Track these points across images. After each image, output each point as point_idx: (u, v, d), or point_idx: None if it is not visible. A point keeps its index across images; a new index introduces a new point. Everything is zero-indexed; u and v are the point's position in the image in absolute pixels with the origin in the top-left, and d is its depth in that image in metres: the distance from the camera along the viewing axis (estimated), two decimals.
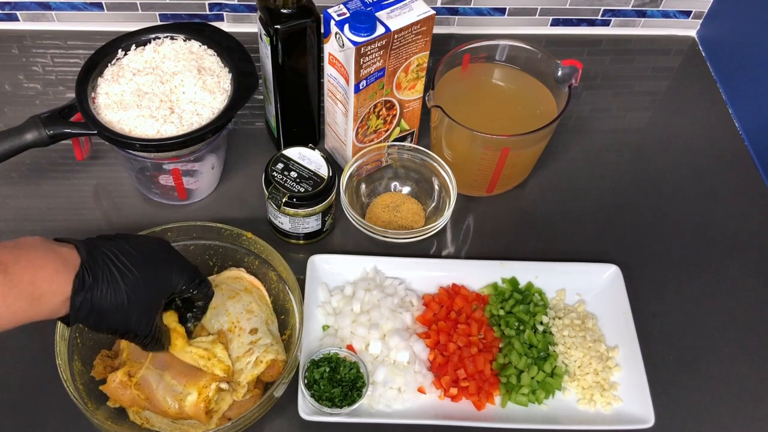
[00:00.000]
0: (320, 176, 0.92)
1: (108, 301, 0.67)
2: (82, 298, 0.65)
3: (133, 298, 0.68)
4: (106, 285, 0.67)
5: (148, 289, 0.70)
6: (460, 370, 0.87)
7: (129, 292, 0.68)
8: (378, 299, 0.92)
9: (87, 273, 0.65)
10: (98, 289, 0.66)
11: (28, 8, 1.20)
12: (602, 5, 1.26)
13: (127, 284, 0.68)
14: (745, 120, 1.18)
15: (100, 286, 0.66)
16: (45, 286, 0.62)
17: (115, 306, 0.67)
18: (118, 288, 0.67)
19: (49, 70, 1.18)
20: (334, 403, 0.83)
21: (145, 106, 0.91)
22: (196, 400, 0.79)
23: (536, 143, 0.99)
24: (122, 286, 0.68)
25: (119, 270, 0.68)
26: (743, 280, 1.01)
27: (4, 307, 0.60)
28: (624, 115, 1.20)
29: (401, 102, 1.00)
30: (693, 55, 1.30)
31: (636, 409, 0.85)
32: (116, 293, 0.67)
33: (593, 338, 0.91)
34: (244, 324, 0.85)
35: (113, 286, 0.67)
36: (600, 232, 1.05)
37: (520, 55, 1.04)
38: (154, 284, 0.71)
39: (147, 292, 0.70)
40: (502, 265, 0.97)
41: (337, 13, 0.89)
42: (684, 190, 1.10)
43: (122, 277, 0.68)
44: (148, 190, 1.02)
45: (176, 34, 0.99)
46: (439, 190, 1.02)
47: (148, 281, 0.70)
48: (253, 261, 0.92)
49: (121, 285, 0.68)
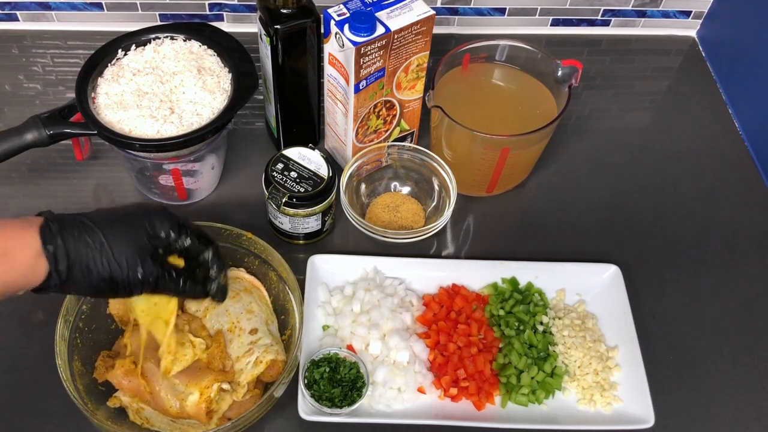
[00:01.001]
0: (320, 176, 0.92)
1: (84, 244, 0.62)
2: (54, 245, 0.61)
3: (112, 238, 0.63)
4: (77, 231, 0.62)
5: (126, 231, 0.65)
6: (460, 370, 0.87)
7: (105, 234, 0.63)
8: (378, 299, 0.92)
9: (52, 223, 0.62)
10: (69, 236, 0.62)
11: (28, 8, 1.20)
12: (602, 5, 1.26)
13: (102, 228, 0.63)
14: (745, 120, 1.18)
15: (71, 232, 0.62)
16: (9, 242, 0.59)
17: (94, 248, 0.63)
18: (92, 232, 0.63)
19: (49, 70, 1.18)
20: (334, 403, 0.83)
21: (145, 106, 0.91)
22: (198, 401, 0.79)
23: (536, 143, 0.99)
24: (95, 229, 0.63)
25: (90, 218, 0.64)
26: (743, 280, 1.01)
27: None
28: (624, 115, 1.21)
29: (401, 102, 1.00)
30: (693, 55, 1.30)
31: (636, 409, 0.85)
32: (91, 236, 0.62)
33: (593, 338, 0.91)
34: (244, 324, 0.85)
35: (86, 231, 0.63)
36: (600, 232, 1.05)
37: (520, 55, 1.04)
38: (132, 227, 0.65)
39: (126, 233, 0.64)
40: (502, 265, 0.97)
41: (337, 13, 0.89)
42: (684, 190, 1.10)
43: (94, 223, 0.63)
44: (148, 190, 1.02)
45: (176, 34, 0.99)
46: (439, 190, 1.02)
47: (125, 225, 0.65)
48: (253, 261, 0.92)
49: (95, 228, 0.63)
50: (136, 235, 0.66)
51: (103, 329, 0.86)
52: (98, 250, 0.63)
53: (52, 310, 0.82)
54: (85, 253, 0.63)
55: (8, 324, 0.91)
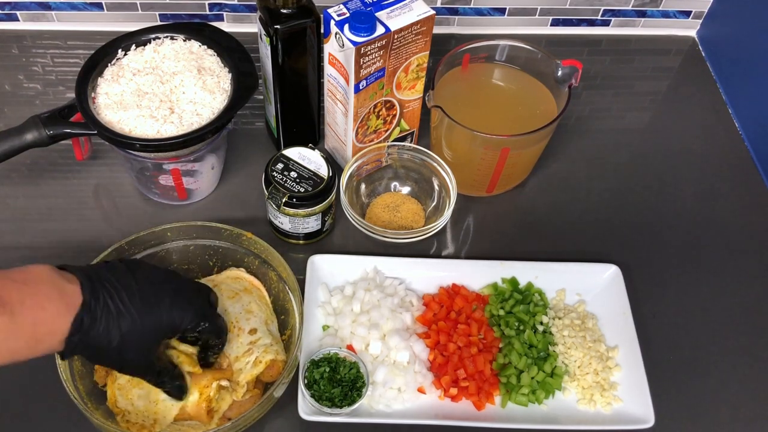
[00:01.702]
0: (320, 176, 0.92)
1: (102, 342, 0.67)
2: (77, 339, 0.65)
3: (129, 339, 0.68)
4: (103, 326, 0.66)
5: (145, 331, 0.70)
6: (460, 370, 0.87)
7: (125, 333, 0.68)
8: (378, 299, 0.92)
9: (86, 316, 0.65)
10: (95, 331, 0.66)
11: (28, 8, 1.20)
12: (602, 5, 1.26)
13: (123, 327, 0.68)
14: (745, 120, 1.18)
15: (97, 328, 0.66)
16: (46, 329, 0.63)
17: (108, 347, 0.67)
18: (115, 329, 0.67)
19: (49, 70, 1.18)
20: (334, 403, 0.83)
21: (145, 106, 0.91)
22: (198, 400, 0.79)
23: (536, 143, 0.99)
24: (119, 328, 0.67)
25: (118, 311, 0.67)
26: (743, 280, 1.01)
27: (5, 348, 0.61)
28: (624, 115, 1.20)
29: (401, 102, 1.00)
30: (693, 55, 1.30)
31: (636, 409, 0.85)
32: (111, 335, 0.67)
33: (593, 338, 0.91)
34: (244, 324, 0.85)
35: (110, 328, 0.67)
36: (600, 232, 1.05)
37: (520, 55, 1.04)
38: (152, 326, 0.70)
39: (144, 333, 0.70)
40: (502, 265, 0.97)
41: (337, 13, 0.89)
42: (684, 190, 1.10)
43: (120, 319, 0.67)
44: (148, 190, 1.02)
45: (176, 34, 0.99)
46: (439, 190, 1.02)
47: (147, 323, 0.69)
48: (253, 261, 0.92)
49: (118, 327, 0.67)
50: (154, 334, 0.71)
51: None
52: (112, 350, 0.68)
53: None
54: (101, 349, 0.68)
55: None
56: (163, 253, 0.91)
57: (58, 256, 0.97)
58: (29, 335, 0.62)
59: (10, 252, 0.97)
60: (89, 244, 0.97)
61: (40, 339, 0.63)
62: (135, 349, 0.70)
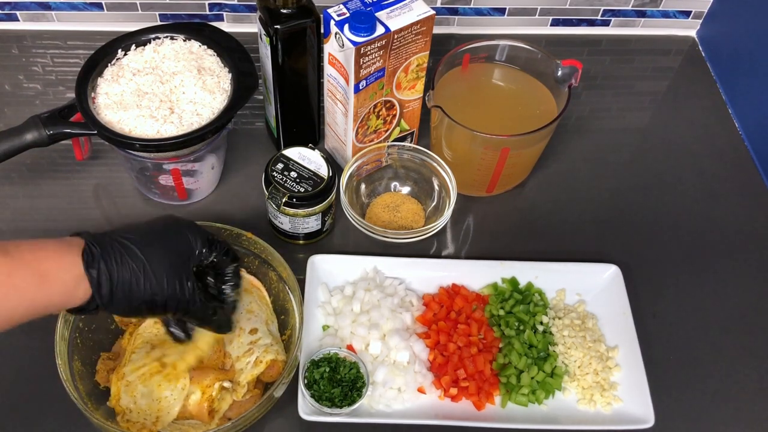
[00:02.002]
0: (320, 176, 0.92)
1: (127, 268, 0.63)
2: (96, 270, 0.61)
3: (153, 259, 0.64)
4: (118, 254, 0.63)
5: (165, 251, 0.66)
6: (460, 370, 0.87)
7: (146, 255, 0.64)
8: (378, 299, 0.92)
9: (93, 246, 0.62)
10: (112, 259, 0.62)
11: (28, 8, 1.20)
12: (602, 5, 1.26)
13: (142, 248, 0.64)
14: (745, 120, 1.18)
15: (113, 256, 0.62)
16: (51, 263, 0.59)
17: (137, 271, 0.63)
18: (134, 254, 0.63)
19: (49, 70, 1.18)
20: (334, 403, 0.83)
21: (145, 106, 0.91)
22: (200, 400, 0.79)
23: (536, 143, 0.99)
24: (137, 251, 0.63)
25: (129, 239, 0.64)
26: (743, 280, 1.01)
27: (12, 287, 0.57)
28: (624, 115, 1.20)
29: (401, 102, 1.00)
30: (693, 55, 1.30)
31: (636, 409, 0.85)
32: (133, 259, 0.63)
33: (593, 338, 0.91)
34: (244, 324, 0.85)
35: (127, 253, 0.63)
36: (600, 232, 1.05)
37: (520, 55, 1.04)
38: (170, 246, 0.67)
39: (165, 254, 0.66)
40: (502, 265, 0.97)
41: (337, 13, 0.89)
42: (684, 190, 1.10)
43: (134, 244, 0.64)
44: (148, 190, 1.02)
45: (176, 34, 0.99)
46: (439, 190, 1.02)
47: (163, 244, 0.66)
48: (253, 261, 0.92)
49: (136, 251, 0.63)
50: (174, 254, 0.67)
51: (103, 329, 0.86)
52: (141, 273, 0.64)
53: None
54: (129, 278, 0.63)
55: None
56: None
57: None
58: (33, 270, 0.58)
59: None
60: None
61: (46, 275, 0.59)
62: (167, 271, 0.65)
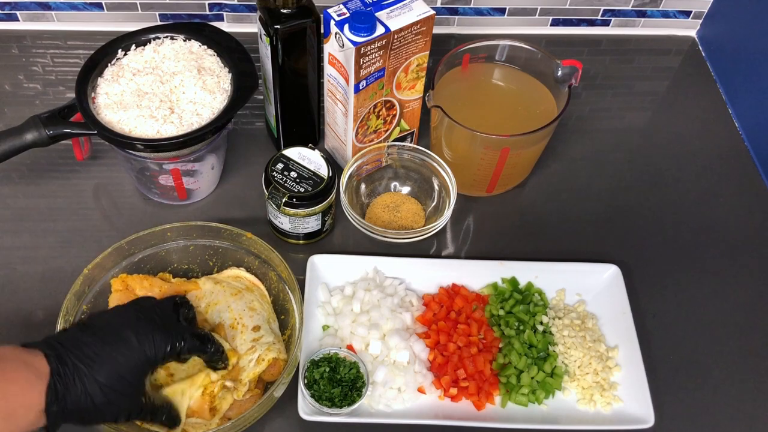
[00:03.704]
0: (320, 176, 0.92)
1: (86, 403, 0.66)
2: (57, 409, 0.64)
3: (111, 392, 0.67)
4: (79, 389, 0.65)
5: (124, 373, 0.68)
6: (460, 370, 0.87)
7: (105, 387, 0.67)
8: (378, 299, 0.92)
9: (58, 383, 0.64)
10: (73, 395, 0.65)
11: (28, 8, 1.20)
12: (602, 5, 1.26)
13: (101, 378, 0.66)
14: (745, 120, 1.18)
15: (72, 392, 0.65)
16: (18, 401, 0.62)
17: (94, 405, 0.66)
18: (93, 385, 0.66)
19: (49, 70, 1.18)
20: (334, 403, 0.83)
21: (145, 106, 0.91)
22: (201, 397, 0.79)
23: (536, 143, 0.99)
24: (96, 382, 0.66)
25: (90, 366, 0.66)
26: (743, 279, 1.01)
27: None
28: (624, 115, 1.20)
29: (401, 102, 1.00)
30: (693, 55, 1.30)
31: (636, 409, 0.85)
32: (92, 393, 0.66)
33: (593, 338, 0.91)
34: (247, 321, 0.85)
35: (88, 386, 0.66)
36: (600, 232, 1.05)
37: (520, 55, 1.04)
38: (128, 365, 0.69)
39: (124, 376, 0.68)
40: (502, 265, 0.97)
41: (337, 13, 0.89)
42: (684, 190, 1.10)
43: (95, 374, 0.66)
44: (148, 190, 1.02)
45: (176, 34, 0.99)
46: (439, 190, 1.02)
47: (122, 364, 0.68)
48: (253, 261, 0.92)
49: (95, 382, 0.66)
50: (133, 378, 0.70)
51: None
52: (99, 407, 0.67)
53: (52, 310, 0.82)
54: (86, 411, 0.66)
55: (8, 324, 0.91)
56: (163, 253, 0.91)
57: (58, 256, 0.97)
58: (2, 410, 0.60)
59: (10, 252, 0.98)
60: (89, 244, 0.97)
61: (13, 413, 0.61)
62: (123, 396, 0.68)
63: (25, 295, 0.93)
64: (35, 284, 0.94)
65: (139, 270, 0.90)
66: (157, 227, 0.89)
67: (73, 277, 0.84)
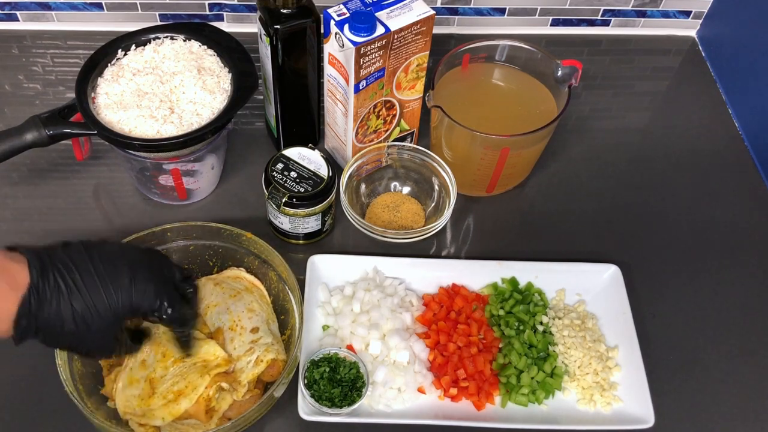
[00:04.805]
0: (320, 176, 0.92)
1: (55, 324, 0.63)
2: (25, 323, 0.61)
3: (84, 321, 0.64)
4: (54, 308, 0.62)
5: (101, 312, 0.65)
6: (460, 370, 0.87)
7: (79, 315, 0.63)
8: (378, 299, 0.92)
9: (33, 297, 0.61)
10: (44, 313, 0.62)
11: (28, 8, 1.20)
12: (602, 5, 1.26)
13: (77, 307, 0.63)
14: (745, 120, 1.18)
15: (47, 309, 0.62)
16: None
17: (61, 330, 0.63)
18: (67, 310, 0.63)
19: (49, 70, 1.18)
20: (334, 403, 0.83)
21: (145, 106, 0.91)
22: (197, 399, 0.79)
23: (536, 143, 0.99)
24: (71, 309, 0.63)
25: (70, 291, 0.63)
26: (743, 280, 1.01)
27: None
28: (624, 115, 1.20)
29: (401, 102, 1.00)
30: (693, 55, 1.30)
31: (636, 409, 0.85)
32: (64, 317, 0.63)
33: (593, 338, 0.91)
34: (246, 323, 0.85)
35: (62, 309, 0.63)
36: (600, 232, 1.05)
37: (520, 55, 1.04)
38: (108, 307, 0.65)
39: (99, 314, 0.65)
40: (502, 265, 0.97)
41: (337, 13, 0.89)
42: (684, 190, 1.10)
43: (72, 300, 0.63)
44: (148, 190, 1.02)
45: (176, 34, 0.99)
46: (439, 190, 1.02)
47: (102, 303, 0.65)
48: (253, 261, 0.92)
49: (70, 308, 0.63)
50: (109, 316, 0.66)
51: None
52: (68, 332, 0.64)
53: None
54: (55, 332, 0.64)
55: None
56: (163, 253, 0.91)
57: None
58: None
59: None
60: None
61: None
62: (91, 331, 0.65)
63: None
64: None
65: None
66: (157, 227, 0.89)
67: None
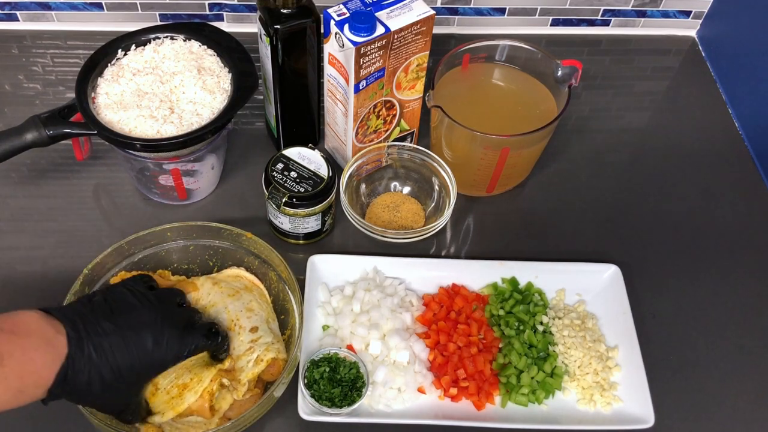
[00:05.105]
0: (320, 176, 0.92)
1: (83, 389, 0.68)
2: (60, 390, 0.66)
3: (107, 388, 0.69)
4: (85, 378, 0.67)
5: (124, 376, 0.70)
6: (460, 370, 0.87)
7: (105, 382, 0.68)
8: (378, 299, 0.92)
9: (70, 368, 0.66)
10: (77, 381, 0.67)
11: (28, 8, 1.20)
12: (602, 5, 1.26)
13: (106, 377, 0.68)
14: (745, 120, 1.18)
15: (79, 378, 0.67)
16: (32, 380, 0.64)
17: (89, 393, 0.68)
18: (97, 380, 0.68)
19: (49, 70, 1.18)
20: (334, 403, 0.83)
21: (145, 106, 0.91)
22: (200, 395, 0.79)
23: (536, 143, 0.99)
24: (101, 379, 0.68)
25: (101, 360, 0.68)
26: (743, 280, 1.01)
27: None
28: (624, 115, 1.21)
29: (401, 102, 1.00)
30: (693, 55, 1.30)
31: (636, 409, 0.85)
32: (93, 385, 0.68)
33: (593, 338, 0.91)
34: (244, 322, 0.85)
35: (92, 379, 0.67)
36: (600, 232, 1.05)
37: (520, 55, 1.04)
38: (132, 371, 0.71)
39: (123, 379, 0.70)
40: (502, 265, 0.97)
41: (337, 13, 0.89)
42: (684, 190, 1.10)
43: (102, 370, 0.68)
44: (148, 190, 1.02)
45: (176, 34, 0.99)
46: (439, 190, 1.02)
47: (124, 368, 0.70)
48: (253, 261, 0.92)
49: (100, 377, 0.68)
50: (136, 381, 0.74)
51: None
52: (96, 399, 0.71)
53: None
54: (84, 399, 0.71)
55: None
56: (163, 253, 0.91)
57: (58, 256, 0.97)
58: (15, 388, 0.62)
59: (10, 252, 0.98)
60: (89, 244, 0.97)
61: (24, 390, 0.63)
62: (117, 393, 0.71)
63: (25, 295, 0.93)
64: (35, 284, 0.94)
65: (139, 270, 0.90)
66: (157, 227, 0.89)
67: (73, 277, 0.84)
